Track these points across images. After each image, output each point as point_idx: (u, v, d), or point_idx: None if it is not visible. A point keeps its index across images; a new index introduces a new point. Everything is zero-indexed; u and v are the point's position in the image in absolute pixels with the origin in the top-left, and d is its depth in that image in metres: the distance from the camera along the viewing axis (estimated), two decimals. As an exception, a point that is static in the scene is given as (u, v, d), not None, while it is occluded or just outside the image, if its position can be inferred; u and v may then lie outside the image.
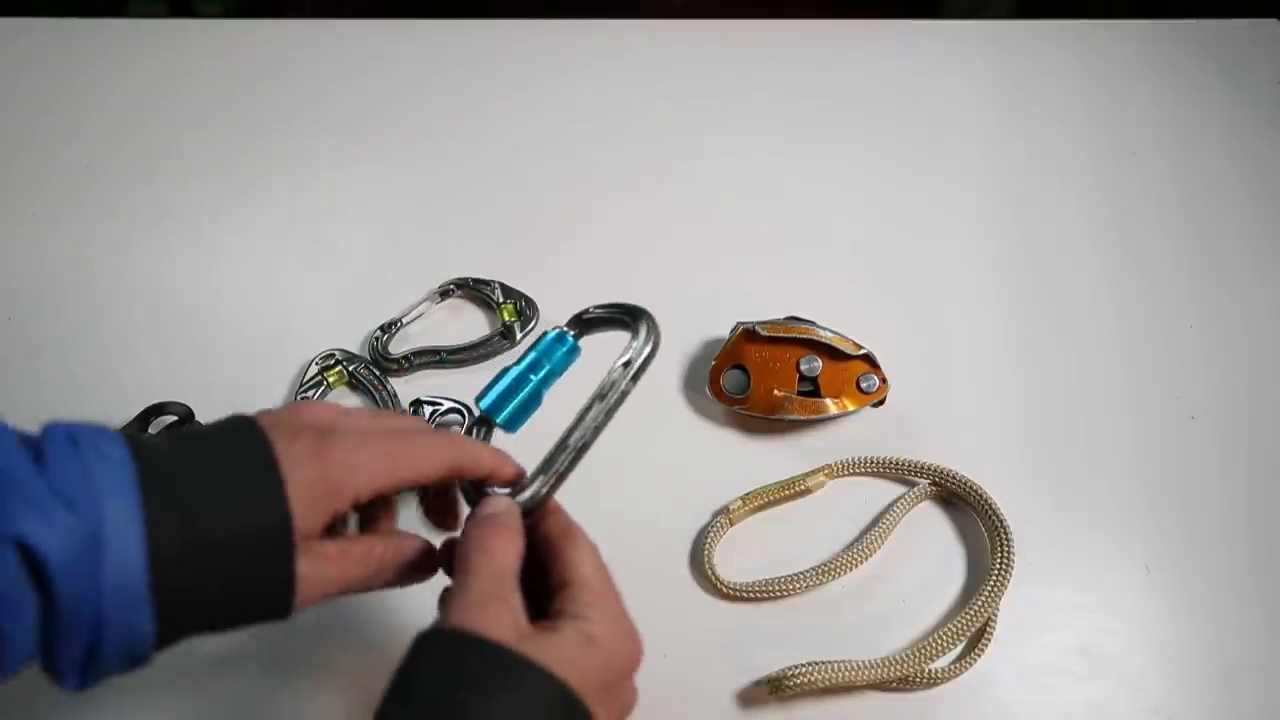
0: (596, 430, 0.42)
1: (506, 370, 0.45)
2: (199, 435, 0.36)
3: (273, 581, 0.34)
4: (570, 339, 0.45)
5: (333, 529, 0.39)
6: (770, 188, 0.75)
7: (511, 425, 0.44)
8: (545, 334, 0.46)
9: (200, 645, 0.36)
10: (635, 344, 0.43)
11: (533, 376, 0.44)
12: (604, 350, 0.45)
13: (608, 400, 0.42)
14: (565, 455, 0.41)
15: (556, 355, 0.45)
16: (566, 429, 0.42)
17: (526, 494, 0.41)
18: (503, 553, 0.38)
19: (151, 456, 0.33)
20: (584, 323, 0.46)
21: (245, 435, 0.36)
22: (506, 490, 0.41)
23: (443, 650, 0.34)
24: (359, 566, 0.38)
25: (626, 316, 0.45)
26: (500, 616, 0.35)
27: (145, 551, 0.31)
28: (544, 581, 0.40)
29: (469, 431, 0.45)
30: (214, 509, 0.33)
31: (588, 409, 0.42)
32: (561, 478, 0.41)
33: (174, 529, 0.32)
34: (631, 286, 0.67)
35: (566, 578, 0.38)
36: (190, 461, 0.34)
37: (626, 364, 0.43)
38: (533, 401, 0.45)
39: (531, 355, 0.45)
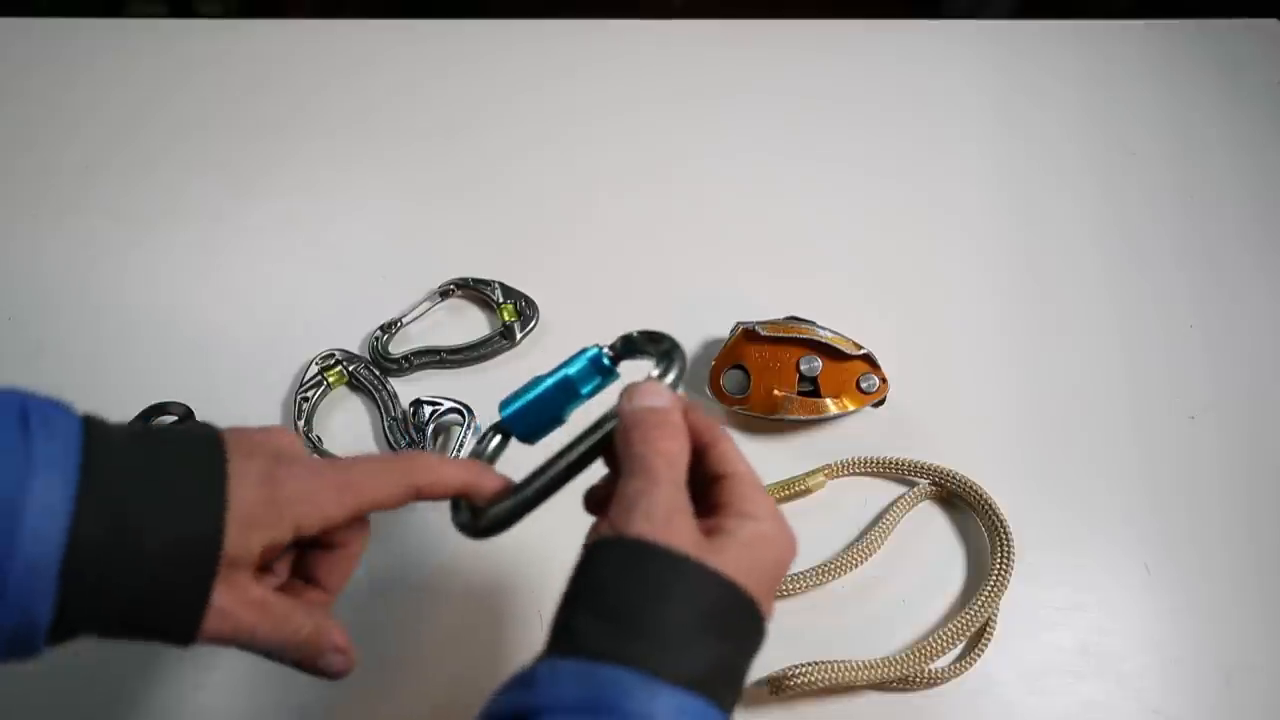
0: (576, 465, 0.39)
1: (537, 382, 0.42)
2: (164, 434, 0.35)
3: (185, 602, 0.33)
4: (608, 361, 0.42)
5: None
6: (770, 188, 0.75)
7: (530, 439, 0.43)
8: (585, 350, 0.42)
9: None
10: (651, 376, 0.40)
11: (562, 398, 0.42)
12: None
13: (598, 434, 0.39)
14: (539, 482, 0.39)
15: (592, 381, 0.42)
16: (553, 455, 0.40)
17: (488, 517, 0.39)
18: (680, 458, 0.37)
19: (104, 443, 0.32)
20: (627, 346, 0.43)
21: (204, 444, 0.35)
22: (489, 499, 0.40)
23: (634, 562, 0.34)
24: (270, 626, 0.36)
25: (652, 347, 0.42)
26: (684, 528, 0.35)
27: (66, 535, 0.30)
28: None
29: (484, 437, 0.44)
30: (148, 509, 0.32)
31: (578, 439, 0.40)
32: (529, 506, 0.39)
33: (102, 518, 0.31)
34: (632, 286, 0.68)
35: (722, 470, 0.38)
36: (142, 456, 0.33)
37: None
38: (556, 420, 0.42)
39: (566, 372, 0.42)
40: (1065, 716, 0.52)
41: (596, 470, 0.41)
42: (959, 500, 0.58)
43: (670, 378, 0.40)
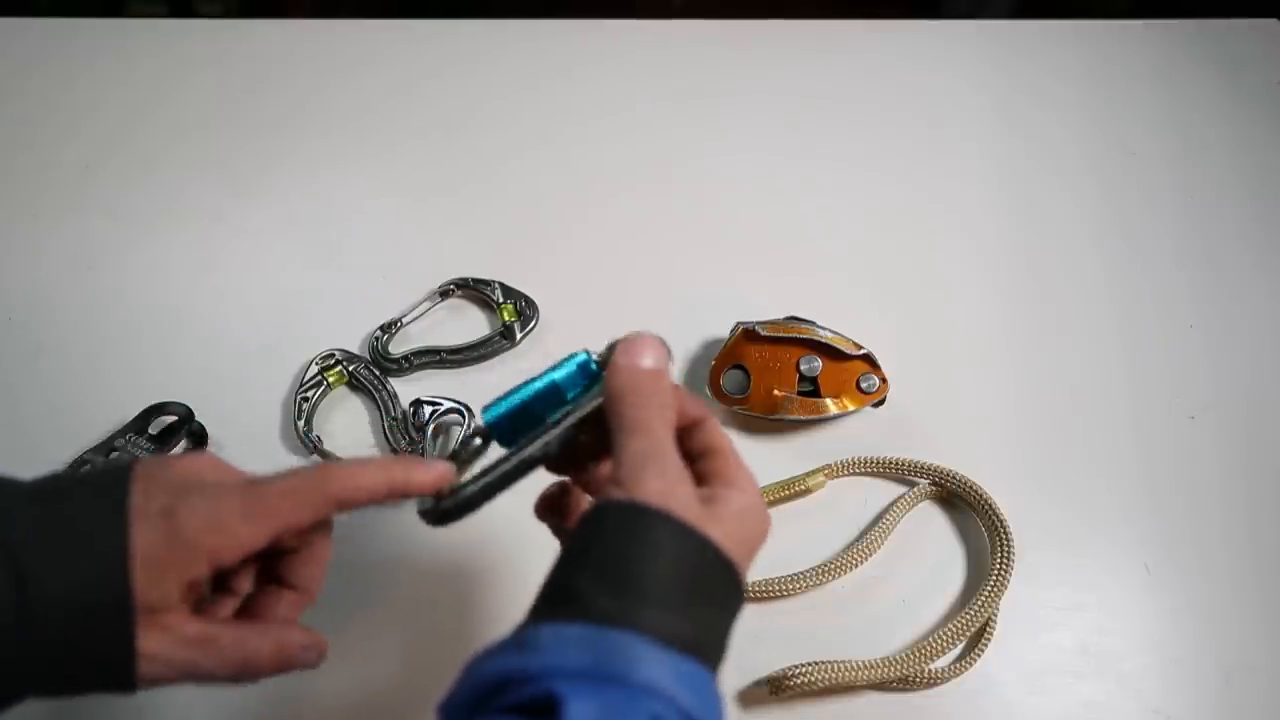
0: (545, 449, 0.39)
1: (523, 386, 0.41)
2: (70, 485, 0.34)
3: (111, 654, 0.32)
4: (595, 367, 0.41)
5: (229, 589, 0.38)
6: (770, 188, 0.75)
7: (510, 444, 0.42)
8: (574, 356, 0.41)
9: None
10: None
11: (547, 404, 0.41)
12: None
13: (570, 420, 0.39)
14: (505, 466, 0.38)
15: (578, 387, 0.41)
16: (522, 440, 0.39)
17: (447, 502, 0.38)
18: (673, 423, 0.38)
19: (1, 508, 0.32)
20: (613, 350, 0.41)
21: (107, 490, 0.34)
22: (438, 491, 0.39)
23: (643, 528, 0.34)
24: (219, 658, 0.35)
25: None
26: (688, 496, 0.35)
27: None
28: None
29: (466, 440, 0.43)
30: (51, 569, 0.31)
31: (550, 425, 0.39)
32: (494, 491, 0.38)
33: (2, 583, 0.30)
34: (632, 286, 0.68)
35: (710, 444, 0.39)
36: (43, 515, 0.32)
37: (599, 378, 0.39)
38: (538, 425, 0.41)
39: (553, 378, 0.41)
40: (1065, 716, 0.52)
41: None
42: (959, 500, 0.58)
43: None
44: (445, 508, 0.39)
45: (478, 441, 0.43)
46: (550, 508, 0.42)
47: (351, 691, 0.51)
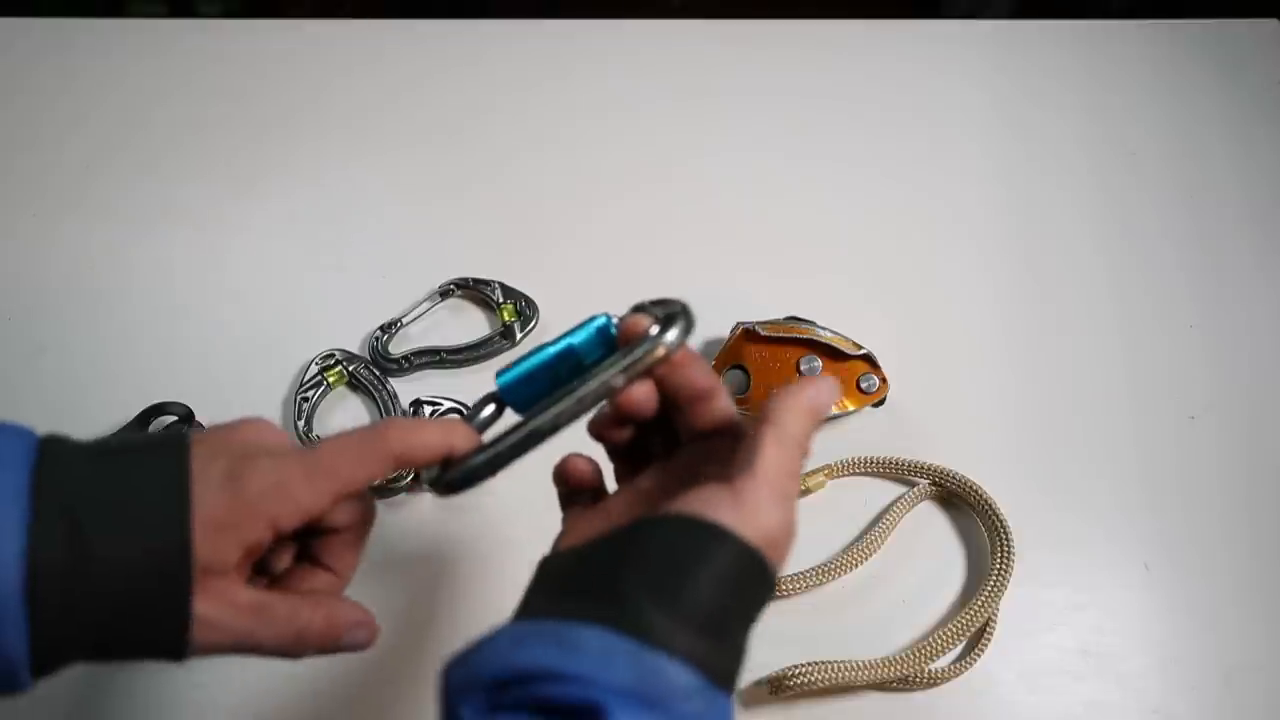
0: (556, 419, 0.37)
1: (539, 350, 0.40)
2: (126, 446, 0.33)
3: (165, 616, 0.32)
4: (615, 332, 0.39)
5: (266, 569, 0.38)
6: (770, 188, 0.75)
7: (525, 411, 0.40)
8: (593, 319, 0.40)
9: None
10: (645, 343, 0.38)
11: (563, 369, 0.39)
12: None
13: (584, 390, 0.37)
14: (515, 435, 0.37)
15: (597, 354, 0.39)
16: (533, 409, 0.38)
17: (458, 470, 0.37)
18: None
19: (58, 463, 0.31)
20: (636, 313, 0.40)
21: (166, 452, 0.33)
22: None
23: (730, 562, 0.33)
24: (273, 628, 0.34)
25: (659, 309, 0.40)
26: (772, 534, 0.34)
27: (23, 561, 0.29)
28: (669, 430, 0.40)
29: (478, 408, 0.41)
30: (109, 526, 0.31)
31: (563, 395, 0.38)
32: (505, 460, 0.37)
33: (60, 541, 0.30)
34: (632, 286, 0.67)
35: (749, 440, 0.37)
36: (100, 473, 0.32)
37: (625, 355, 0.38)
38: (555, 391, 0.39)
39: (570, 342, 0.39)
40: (1065, 716, 0.52)
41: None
42: (959, 500, 0.58)
43: (670, 335, 0.39)
44: (451, 478, 0.38)
45: (490, 409, 0.41)
46: (580, 485, 0.41)
47: (343, 676, 0.51)
